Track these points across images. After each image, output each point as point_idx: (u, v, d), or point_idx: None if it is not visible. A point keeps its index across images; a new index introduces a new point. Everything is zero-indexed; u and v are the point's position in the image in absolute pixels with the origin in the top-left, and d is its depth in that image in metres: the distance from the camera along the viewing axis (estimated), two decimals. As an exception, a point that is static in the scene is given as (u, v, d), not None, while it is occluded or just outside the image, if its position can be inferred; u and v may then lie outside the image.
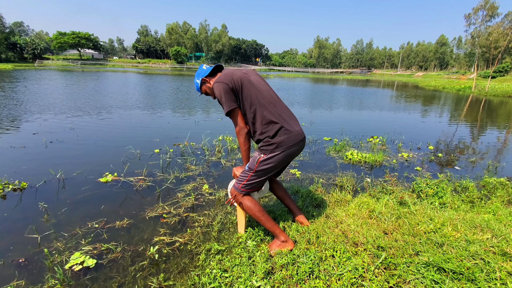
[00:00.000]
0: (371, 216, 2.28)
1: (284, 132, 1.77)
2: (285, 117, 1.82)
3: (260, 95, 1.79)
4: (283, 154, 1.79)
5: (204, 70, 1.93)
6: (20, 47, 53.96)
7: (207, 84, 1.93)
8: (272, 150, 1.77)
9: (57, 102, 8.82)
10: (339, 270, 1.62)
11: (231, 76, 1.77)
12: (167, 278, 1.75)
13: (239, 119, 1.80)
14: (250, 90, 1.78)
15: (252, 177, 1.84)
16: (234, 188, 1.91)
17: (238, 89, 1.76)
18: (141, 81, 21.40)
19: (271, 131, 1.76)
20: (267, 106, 1.78)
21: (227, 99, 1.74)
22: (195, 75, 1.95)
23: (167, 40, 77.93)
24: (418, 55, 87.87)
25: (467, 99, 16.06)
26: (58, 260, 1.90)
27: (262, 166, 1.80)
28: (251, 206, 1.89)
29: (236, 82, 1.76)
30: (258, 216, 1.89)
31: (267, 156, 1.79)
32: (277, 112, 1.80)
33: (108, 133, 5.35)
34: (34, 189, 2.92)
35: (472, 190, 2.97)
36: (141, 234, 2.20)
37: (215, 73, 1.94)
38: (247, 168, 1.85)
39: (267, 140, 1.77)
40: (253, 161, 1.83)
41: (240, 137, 1.83)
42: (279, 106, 1.84)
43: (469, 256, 1.64)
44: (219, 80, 1.77)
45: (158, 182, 3.15)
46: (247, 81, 1.80)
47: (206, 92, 1.98)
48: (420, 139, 5.62)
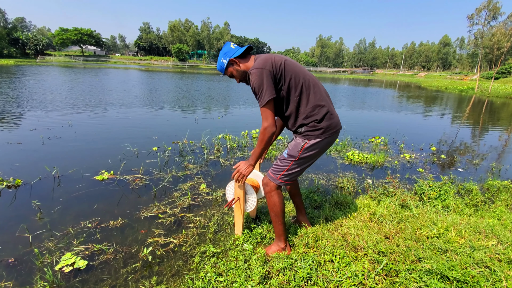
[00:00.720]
0: (372, 219, 2.21)
1: (330, 116, 1.66)
2: (329, 100, 1.71)
3: (305, 76, 1.66)
4: (327, 140, 1.68)
5: (233, 49, 1.73)
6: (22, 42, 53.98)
7: (236, 66, 1.73)
8: (318, 136, 1.65)
9: (56, 98, 8.77)
10: (338, 276, 1.55)
11: (271, 60, 1.61)
12: (159, 282, 1.69)
13: (271, 114, 1.60)
14: (295, 72, 1.63)
15: (293, 166, 1.71)
16: (270, 179, 1.76)
17: (281, 73, 1.60)
18: (142, 78, 21.34)
19: (318, 115, 1.63)
20: (313, 88, 1.65)
21: (268, 86, 1.56)
22: (220, 54, 1.75)
23: (169, 38, 77.79)
24: (421, 55, 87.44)
25: (469, 100, 15.93)
26: (48, 260, 1.84)
27: (306, 153, 1.68)
28: (279, 202, 1.76)
29: (278, 66, 1.60)
30: (279, 216, 1.79)
31: (313, 141, 1.65)
32: (322, 94, 1.67)
33: (106, 130, 5.29)
34: (28, 186, 2.86)
35: (476, 193, 2.90)
36: (135, 235, 2.14)
37: (245, 55, 1.74)
38: (287, 155, 1.71)
39: (314, 124, 1.64)
40: (295, 147, 1.68)
41: (266, 135, 1.61)
42: (322, 88, 1.72)
43: (474, 264, 1.57)
44: (258, 66, 1.58)
45: (155, 180, 3.09)
46: (289, 63, 1.65)
47: (232, 74, 1.78)
48: (423, 140, 5.54)
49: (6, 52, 48.22)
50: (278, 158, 1.77)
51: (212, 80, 22.18)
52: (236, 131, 5.52)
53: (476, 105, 13.49)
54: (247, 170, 1.77)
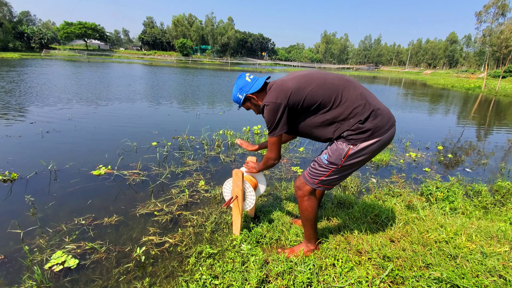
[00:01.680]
0: (376, 220, 2.12)
1: (376, 113, 1.41)
2: (372, 97, 1.46)
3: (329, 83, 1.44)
4: (379, 143, 1.43)
5: (249, 83, 1.61)
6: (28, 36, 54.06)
7: (253, 102, 1.64)
8: (366, 139, 1.41)
9: (57, 92, 8.73)
10: (340, 282, 1.46)
11: (283, 89, 1.45)
12: (152, 283, 1.62)
13: (278, 147, 1.57)
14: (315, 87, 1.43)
15: (334, 173, 1.52)
16: (305, 181, 1.59)
17: (296, 99, 1.43)
18: (146, 72, 21.27)
19: (361, 115, 1.39)
20: (343, 91, 1.42)
21: (278, 122, 1.46)
22: (235, 87, 1.65)
23: (173, 32, 77.47)
24: (427, 53, 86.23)
25: (476, 99, 15.63)
26: (38, 258, 1.78)
27: (351, 160, 1.46)
28: (313, 207, 1.63)
29: (291, 93, 1.43)
30: (310, 221, 1.67)
31: (359, 147, 1.42)
32: (358, 91, 1.43)
33: (106, 124, 5.22)
34: (24, 180, 2.80)
35: (485, 195, 2.78)
36: (130, 233, 2.06)
37: (262, 88, 1.62)
38: (327, 162, 1.50)
39: (358, 126, 1.39)
40: (338, 154, 1.46)
41: (269, 163, 1.67)
42: (356, 85, 1.48)
43: (486, 272, 1.47)
44: (269, 100, 1.45)
45: (152, 176, 3.01)
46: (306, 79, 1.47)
47: (249, 108, 1.71)
48: (429, 139, 5.40)
49: (11, 46, 48.36)
50: (316, 162, 1.57)
51: (215, 75, 22.04)
52: (237, 127, 5.42)
53: (483, 104, 13.23)
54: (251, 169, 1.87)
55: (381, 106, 1.45)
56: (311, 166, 1.60)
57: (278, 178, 3.16)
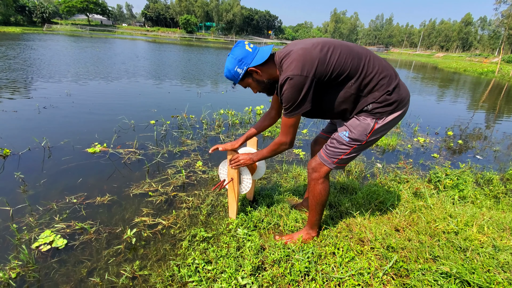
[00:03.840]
0: (381, 208, 2.00)
1: (400, 84, 1.35)
2: (392, 67, 1.38)
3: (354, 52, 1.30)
4: (400, 117, 1.38)
5: (250, 53, 1.33)
6: (29, 10, 52.70)
7: (256, 76, 1.37)
8: (392, 111, 1.33)
9: (57, 67, 8.52)
10: (340, 273, 1.37)
11: (308, 58, 1.23)
12: (143, 267, 1.55)
13: (294, 130, 1.39)
14: (341, 57, 1.26)
15: (355, 150, 1.42)
16: (323, 162, 1.46)
17: (323, 70, 1.24)
18: (148, 49, 20.75)
19: (388, 86, 1.30)
20: (368, 60, 1.30)
21: (303, 99, 1.26)
22: (232, 59, 1.33)
23: (177, 8, 75.00)
24: (440, 34, 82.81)
25: (489, 84, 15.06)
26: (26, 237, 1.71)
27: (376, 135, 1.38)
28: (327, 190, 1.52)
29: (319, 63, 1.23)
30: (322, 206, 1.56)
31: (385, 120, 1.34)
32: (382, 61, 1.34)
33: (104, 100, 5.08)
34: (16, 156, 2.72)
35: (497, 184, 2.64)
36: (122, 213, 1.98)
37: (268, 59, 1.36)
38: (349, 139, 1.39)
39: (385, 98, 1.29)
40: (362, 129, 1.35)
41: (280, 149, 1.46)
42: (383, 59, 1.38)
43: (498, 267, 1.36)
44: (294, 72, 1.21)
45: (149, 156, 2.91)
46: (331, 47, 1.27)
47: (248, 85, 1.43)
48: (438, 124, 5.18)
49: (13, 20, 47.29)
50: (335, 139, 1.44)
51: (219, 54, 21.46)
52: (239, 106, 5.24)
53: (496, 89, 12.74)
54: (247, 162, 1.63)
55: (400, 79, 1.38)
56: (328, 145, 1.47)
57: (279, 160, 3.03)
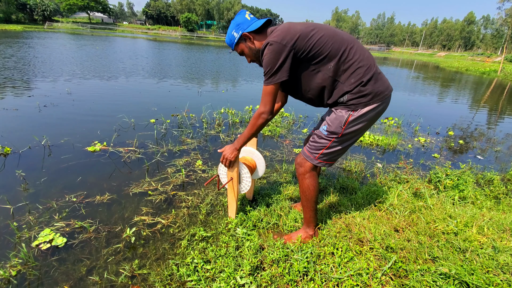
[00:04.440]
0: (381, 208, 2.00)
1: (378, 77, 1.34)
2: (374, 60, 1.38)
3: (338, 36, 1.32)
4: (377, 110, 1.37)
5: (248, 21, 1.40)
6: (30, 8, 52.70)
7: (249, 43, 1.43)
8: (367, 103, 1.33)
9: (58, 65, 8.52)
10: (338, 273, 1.37)
11: (290, 31, 1.28)
12: (142, 266, 1.55)
13: (272, 99, 1.38)
14: (324, 36, 1.29)
15: (334, 144, 1.43)
16: (305, 158, 1.50)
17: (304, 44, 1.28)
18: (149, 48, 20.73)
19: (363, 76, 1.31)
20: (351, 47, 1.32)
21: (281, 66, 1.28)
22: (231, 24, 1.43)
23: (178, 6, 74.90)
24: (442, 33, 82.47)
25: (491, 83, 15.00)
26: (26, 236, 1.72)
27: (351, 127, 1.38)
28: (314, 186, 1.52)
29: (300, 36, 1.27)
30: (313, 201, 1.56)
31: (359, 112, 1.35)
32: (364, 52, 1.35)
33: (105, 99, 5.08)
34: (17, 155, 2.72)
35: (497, 184, 2.63)
36: (122, 212, 1.99)
37: (262, 29, 1.43)
38: (327, 132, 1.42)
39: (359, 89, 1.31)
40: (337, 122, 1.38)
41: (260, 120, 1.42)
42: (365, 48, 1.39)
43: (498, 268, 1.36)
44: (274, 39, 1.27)
45: (149, 154, 2.91)
46: (313, 27, 1.32)
47: (243, 52, 1.48)
48: (439, 123, 5.17)
49: (14, 18, 47.25)
50: (316, 135, 1.49)
51: (220, 52, 21.42)
52: (240, 105, 5.24)
53: (499, 89, 12.69)
54: (232, 154, 1.60)
55: (382, 72, 1.40)
56: (310, 141, 1.52)
57: (279, 160, 3.03)
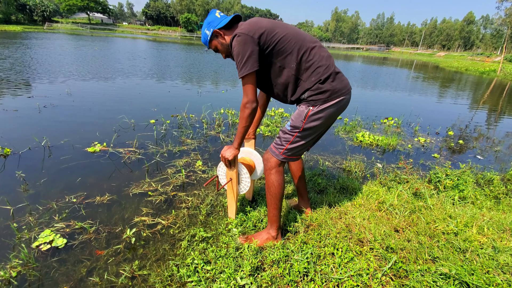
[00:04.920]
0: (381, 208, 2.00)
1: (337, 75, 1.43)
2: (333, 59, 1.48)
3: (301, 36, 1.43)
4: (336, 107, 1.45)
5: (218, 19, 1.49)
6: (30, 8, 52.74)
7: (220, 39, 1.51)
8: (325, 100, 1.41)
9: (58, 66, 8.52)
10: (339, 273, 1.37)
11: (257, 25, 1.37)
12: (142, 266, 1.55)
13: (252, 88, 1.41)
14: (288, 35, 1.40)
15: (297, 139, 1.49)
16: (272, 153, 1.55)
17: (269, 39, 1.37)
18: (149, 48, 20.74)
19: (322, 74, 1.39)
20: (313, 47, 1.42)
21: (250, 57, 1.34)
22: (204, 23, 1.52)
23: (178, 6, 74.97)
24: (442, 33, 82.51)
25: (491, 83, 15.01)
26: (26, 237, 1.71)
27: (311, 123, 1.44)
28: (279, 183, 1.54)
29: (266, 31, 1.37)
30: (277, 198, 1.57)
31: (318, 108, 1.42)
32: (325, 52, 1.44)
33: (105, 99, 5.08)
34: (17, 156, 2.72)
35: (497, 184, 2.63)
36: (122, 213, 1.99)
37: (231, 25, 1.51)
38: (290, 127, 1.49)
39: (318, 86, 1.40)
40: (299, 116, 1.46)
41: (246, 111, 1.43)
42: (323, 47, 1.48)
43: (498, 268, 1.36)
44: (241, 30, 1.35)
45: (149, 155, 2.91)
46: (279, 24, 1.43)
47: (217, 48, 1.55)
48: (439, 123, 5.17)
49: (14, 19, 47.27)
50: (281, 130, 1.55)
51: (220, 52, 21.39)
52: (239, 106, 5.23)
53: (498, 89, 12.70)
54: (231, 154, 1.60)
55: (341, 72, 1.49)
56: (276, 137, 1.58)
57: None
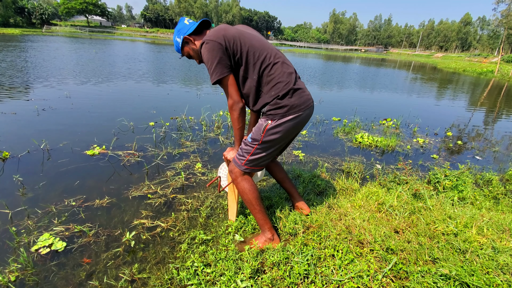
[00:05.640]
0: (380, 209, 2.00)
1: (295, 92, 1.46)
2: (294, 76, 1.51)
3: (266, 51, 1.46)
4: (294, 122, 1.49)
5: (187, 26, 1.53)
6: (28, 11, 52.71)
7: (191, 45, 1.54)
8: (283, 115, 1.45)
9: (56, 69, 8.52)
10: (339, 275, 1.37)
11: (224, 32, 1.40)
12: (141, 270, 1.54)
13: (233, 90, 1.44)
14: (253, 46, 1.43)
15: (257, 151, 1.53)
16: (234, 164, 1.60)
17: (235, 47, 1.40)
18: (147, 50, 20.76)
19: (280, 90, 1.44)
20: (275, 62, 1.46)
21: (219, 63, 1.38)
22: (174, 31, 1.55)
23: (176, 9, 75.15)
24: (439, 34, 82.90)
25: (488, 84, 15.08)
26: (25, 240, 1.71)
27: (269, 136, 1.49)
28: (249, 189, 1.59)
29: (232, 39, 1.40)
30: (253, 204, 1.60)
31: (276, 122, 1.46)
32: (287, 69, 1.48)
33: (103, 102, 5.08)
34: (16, 159, 2.72)
35: (496, 185, 2.64)
36: (121, 216, 1.98)
37: (201, 31, 1.55)
38: (251, 139, 1.54)
39: (276, 102, 1.45)
40: (258, 129, 1.51)
41: (234, 113, 1.48)
42: (287, 62, 1.52)
43: (497, 269, 1.36)
44: (208, 37, 1.38)
45: (148, 158, 2.91)
46: (247, 35, 1.46)
47: (189, 54, 1.59)
48: (438, 124, 5.19)
49: (12, 22, 47.23)
50: (243, 142, 1.59)
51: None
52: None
53: (496, 89, 12.76)
54: (233, 155, 1.65)
55: (303, 87, 1.52)
56: (239, 148, 1.60)
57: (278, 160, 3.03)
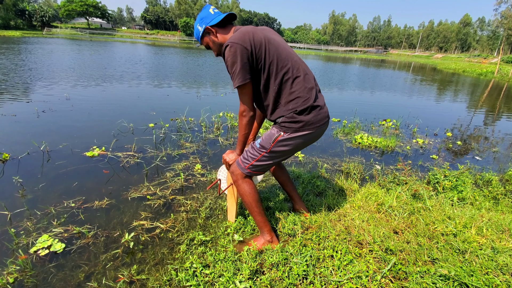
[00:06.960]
0: (380, 210, 2.00)
1: (314, 110, 1.43)
2: (316, 90, 1.47)
3: (291, 61, 1.41)
4: (307, 138, 1.47)
5: (211, 15, 1.44)
6: (29, 14, 52.92)
7: (212, 37, 1.46)
8: (297, 130, 1.44)
9: (56, 70, 8.54)
10: (338, 276, 1.37)
11: (251, 35, 1.34)
12: (140, 271, 1.54)
13: (248, 98, 1.42)
14: (278, 54, 1.38)
15: (263, 158, 1.52)
16: (237, 166, 1.58)
17: (260, 54, 1.35)
18: (148, 52, 20.81)
19: (299, 106, 1.40)
20: (297, 76, 1.42)
21: (242, 68, 1.33)
22: (197, 18, 1.48)
23: (176, 11, 75.41)
24: (439, 35, 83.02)
25: (488, 84, 15.08)
26: (24, 242, 1.71)
27: (279, 147, 1.48)
28: (249, 191, 1.58)
29: (259, 44, 1.34)
30: (252, 206, 1.61)
31: (289, 135, 1.45)
32: (308, 84, 1.44)
33: (103, 103, 5.08)
34: (16, 161, 2.72)
35: (496, 185, 2.64)
36: (120, 217, 1.98)
37: (225, 24, 1.47)
38: (259, 145, 1.52)
39: (292, 115, 1.42)
40: (268, 138, 1.49)
41: (243, 119, 1.47)
42: (310, 75, 1.48)
43: (497, 269, 1.36)
44: (234, 40, 1.32)
45: (147, 159, 2.91)
46: (274, 42, 1.40)
47: (208, 45, 1.52)
48: (437, 125, 5.18)
49: (13, 24, 47.38)
50: (250, 145, 1.58)
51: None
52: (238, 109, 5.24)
53: (496, 90, 12.76)
54: (232, 157, 1.64)
55: (322, 104, 1.48)
56: (245, 151, 1.60)
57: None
